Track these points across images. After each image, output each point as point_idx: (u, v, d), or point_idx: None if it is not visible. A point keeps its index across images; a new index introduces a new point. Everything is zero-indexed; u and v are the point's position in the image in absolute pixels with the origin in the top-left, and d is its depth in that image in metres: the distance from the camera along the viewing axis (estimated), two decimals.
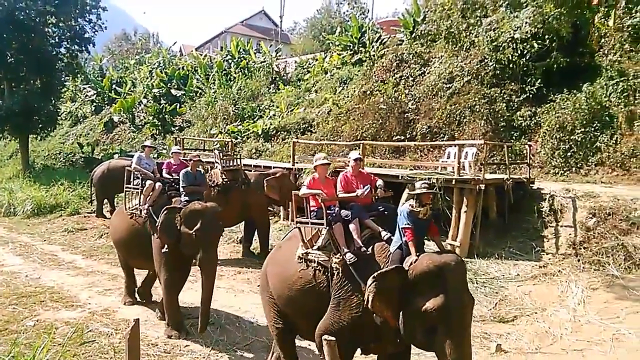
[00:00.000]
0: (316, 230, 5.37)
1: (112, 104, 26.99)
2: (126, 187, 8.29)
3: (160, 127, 23.47)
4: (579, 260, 8.77)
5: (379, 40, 19.79)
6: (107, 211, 16.18)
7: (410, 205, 4.79)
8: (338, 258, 5.02)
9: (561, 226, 9.66)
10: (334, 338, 4.76)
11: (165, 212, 7.06)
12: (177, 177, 7.77)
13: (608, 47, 12.74)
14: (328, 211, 5.30)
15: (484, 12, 14.40)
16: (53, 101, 23.90)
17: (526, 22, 13.17)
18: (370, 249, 4.98)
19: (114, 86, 28.37)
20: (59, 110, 25.49)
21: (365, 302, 4.39)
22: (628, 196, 9.37)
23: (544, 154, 12.35)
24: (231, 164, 11.82)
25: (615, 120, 11.62)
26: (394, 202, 11.52)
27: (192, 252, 6.93)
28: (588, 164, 11.71)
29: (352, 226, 5.19)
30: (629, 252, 8.30)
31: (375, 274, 4.39)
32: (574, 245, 9.13)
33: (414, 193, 4.84)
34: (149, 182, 7.88)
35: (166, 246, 7.01)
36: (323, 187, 5.57)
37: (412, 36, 17.77)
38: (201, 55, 29.07)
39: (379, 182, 5.56)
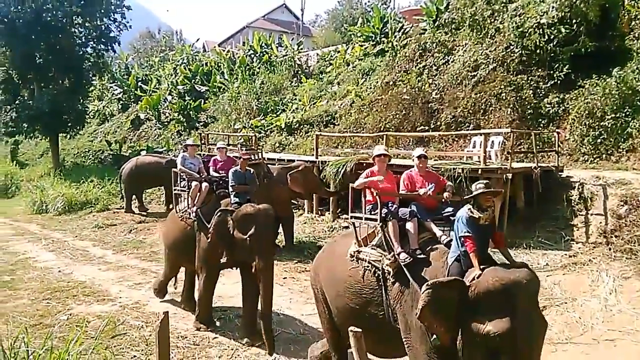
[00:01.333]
0: (373, 228, 5.04)
1: (138, 101, 27.41)
2: (174, 190, 8.17)
3: (185, 124, 23.74)
4: (610, 249, 8.55)
5: (402, 30, 19.56)
6: (135, 207, 16.50)
7: (468, 210, 4.27)
8: (390, 258, 4.66)
9: (591, 214, 9.43)
10: (360, 330, 4.73)
11: (218, 215, 6.72)
12: (224, 175, 7.52)
13: (639, 30, 12.31)
14: (384, 207, 4.93)
15: None
16: (81, 100, 24.41)
17: (552, 7, 12.82)
18: (427, 252, 4.56)
19: (139, 84, 28.78)
20: (87, 109, 26.01)
21: (415, 311, 3.98)
22: None
23: (572, 141, 12.05)
24: (254, 157, 11.89)
25: None
26: None
27: (246, 259, 6.57)
28: (619, 150, 11.36)
29: (409, 225, 4.78)
30: None
31: (432, 281, 3.98)
32: (605, 233, 8.90)
33: (470, 196, 4.33)
34: (194, 183, 7.64)
35: (224, 255, 6.66)
36: (383, 181, 5.20)
37: (435, 25, 17.49)
38: (224, 51, 29.23)
39: (448, 183, 5.09)
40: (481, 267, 3.95)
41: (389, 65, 17.45)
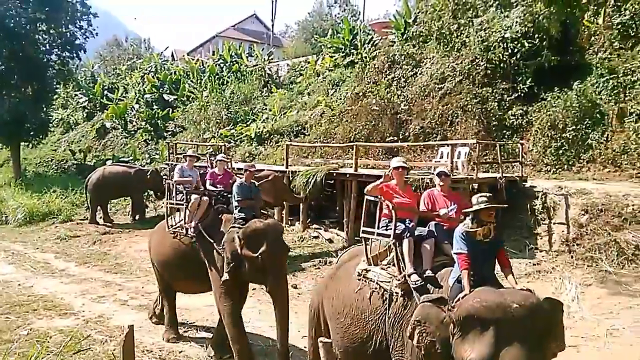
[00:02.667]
0: (385, 247, 4.65)
1: (104, 110, 26.88)
2: (168, 203, 7.58)
3: (152, 133, 23.39)
4: (572, 257, 8.81)
5: (371, 42, 19.82)
6: (100, 217, 16.12)
7: (465, 225, 3.99)
8: (400, 279, 4.29)
9: (554, 223, 9.71)
10: (330, 340, 4.69)
11: (229, 232, 6.21)
12: (223, 189, 7.17)
13: (598, 45, 12.83)
14: (399, 223, 4.53)
15: (475, 12, 14.46)
16: (44, 108, 23.77)
17: (516, 22, 13.24)
18: (436, 273, 4.24)
19: (105, 92, 28.25)
20: (50, 117, 25.38)
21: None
22: (620, 192, 9.43)
23: (536, 152, 12.41)
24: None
25: (606, 117, 11.69)
26: None
27: (256, 279, 6.18)
28: (580, 161, 11.78)
29: (425, 245, 4.41)
30: (621, 247, 8.36)
31: (422, 300, 3.81)
32: (567, 242, 9.17)
33: (470, 210, 4.00)
34: (194, 196, 7.08)
35: (226, 276, 6.08)
36: (401, 195, 4.79)
37: (404, 37, 17.82)
38: (193, 60, 29.02)
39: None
40: (472, 288, 3.67)
41: (358, 77, 17.65)
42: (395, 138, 14.69)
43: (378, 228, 4.73)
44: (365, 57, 18.40)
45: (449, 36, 15.20)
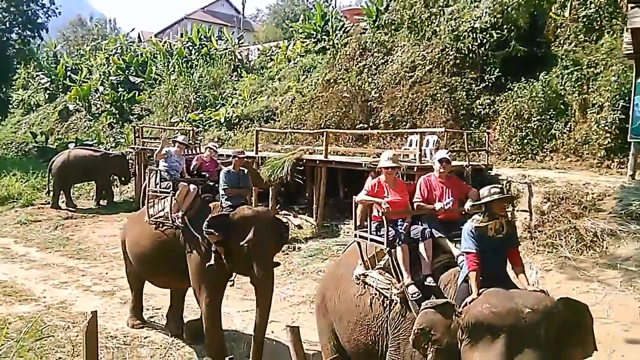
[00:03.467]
0: (380, 248, 4.35)
1: (67, 91, 25.97)
2: (151, 191, 6.93)
3: (118, 116, 22.79)
4: (533, 244, 9.04)
5: (342, 29, 19.74)
6: (62, 202, 15.71)
7: (474, 220, 3.68)
8: (398, 289, 4.04)
9: (517, 211, 9.93)
10: (297, 326, 4.66)
11: (210, 220, 5.79)
12: (209, 177, 6.84)
13: (563, 37, 13.08)
14: (391, 228, 4.21)
15: (446, 1, 14.54)
16: (4, 89, 23.01)
17: (486, 12, 13.35)
18: (438, 277, 3.96)
19: (69, 73, 27.29)
20: (10, 98, 24.55)
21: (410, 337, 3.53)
22: (580, 181, 9.71)
23: (501, 141, 12.64)
24: (190, 152, 11.65)
25: (569, 108, 11.98)
26: (356, 191, 11.64)
27: (242, 269, 5.86)
28: (543, 150, 12.07)
29: (422, 247, 4.12)
30: (580, 234, 8.61)
31: (423, 306, 3.54)
32: (529, 229, 9.40)
33: (479, 202, 3.68)
34: (182, 184, 6.64)
35: (212, 261, 5.77)
36: (391, 193, 4.42)
37: (375, 25, 17.79)
38: (160, 42, 28.31)
39: (472, 190, 4.32)
40: (480, 289, 3.40)
41: (329, 63, 17.57)
42: (366, 125, 14.73)
43: (370, 231, 4.45)
44: (337, 44, 18.33)
45: (420, 25, 15.22)
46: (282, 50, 21.97)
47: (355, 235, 4.63)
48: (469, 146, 11.47)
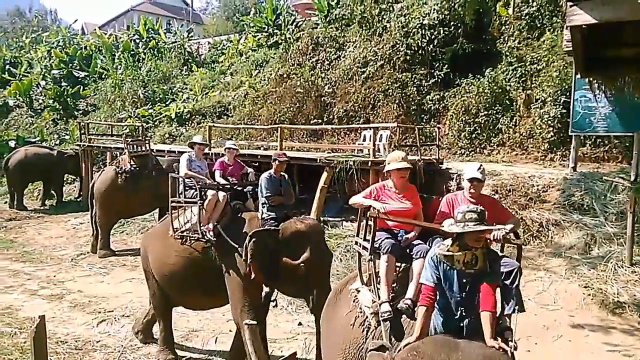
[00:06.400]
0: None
1: (5, 86, 24.69)
2: (175, 202, 6.17)
3: (61, 111, 21.84)
4: None
5: (294, 23, 19.69)
6: (5, 202, 14.97)
7: (440, 245, 3.16)
8: (374, 309, 3.53)
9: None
10: (255, 322, 4.63)
11: (253, 237, 5.10)
12: (236, 182, 6.21)
13: (508, 34, 13.57)
14: (380, 234, 3.71)
15: None
16: None
17: (434, 9, 13.73)
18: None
19: (7, 67, 25.98)
20: None
21: None
22: (526, 174, 10.11)
23: (451, 135, 13.01)
24: (141, 149, 11.37)
25: (514, 103, 12.46)
26: (311, 187, 11.68)
27: (297, 292, 5.29)
28: (491, 144, 12.51)
29: (414, 265, 3.57)
30: (527, 225, 8.97)
31: (370, 347, 3.18)
32: None
33: (455, 230, 3.04)
34: (210, 192, 5.87)
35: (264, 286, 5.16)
36: (398, 201, 3.87)
37: (327, 20, 17.84)
38: (105, 34, 27.36)
39: (511, 220, 3.69)
40: (422, 337, 2.96)
41: (282, 58, 17.49)
42: (320, 121, 14.79)
43: (358, 234, 4.00)
44: (289, 38, 18.26)
45: (370, 20, 15.44)
46: (233, 44, 21.72)
47: (356, 243, 4.07)
48: (421, 141, 11.74)
